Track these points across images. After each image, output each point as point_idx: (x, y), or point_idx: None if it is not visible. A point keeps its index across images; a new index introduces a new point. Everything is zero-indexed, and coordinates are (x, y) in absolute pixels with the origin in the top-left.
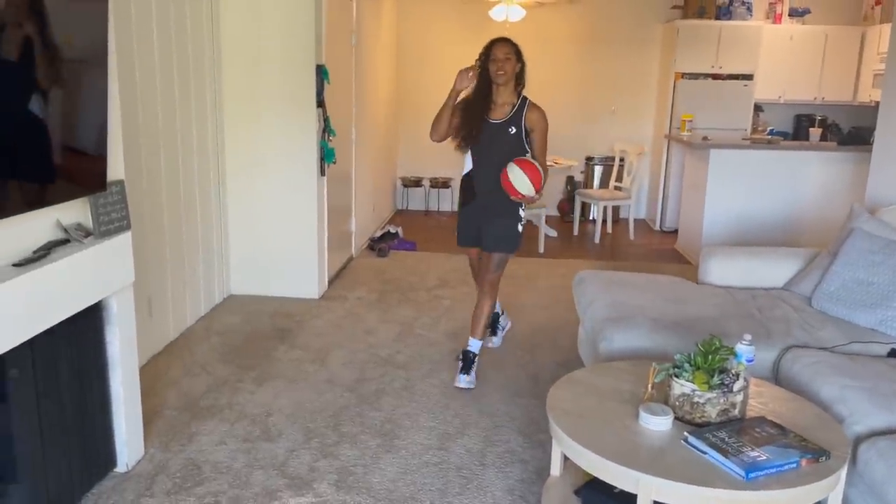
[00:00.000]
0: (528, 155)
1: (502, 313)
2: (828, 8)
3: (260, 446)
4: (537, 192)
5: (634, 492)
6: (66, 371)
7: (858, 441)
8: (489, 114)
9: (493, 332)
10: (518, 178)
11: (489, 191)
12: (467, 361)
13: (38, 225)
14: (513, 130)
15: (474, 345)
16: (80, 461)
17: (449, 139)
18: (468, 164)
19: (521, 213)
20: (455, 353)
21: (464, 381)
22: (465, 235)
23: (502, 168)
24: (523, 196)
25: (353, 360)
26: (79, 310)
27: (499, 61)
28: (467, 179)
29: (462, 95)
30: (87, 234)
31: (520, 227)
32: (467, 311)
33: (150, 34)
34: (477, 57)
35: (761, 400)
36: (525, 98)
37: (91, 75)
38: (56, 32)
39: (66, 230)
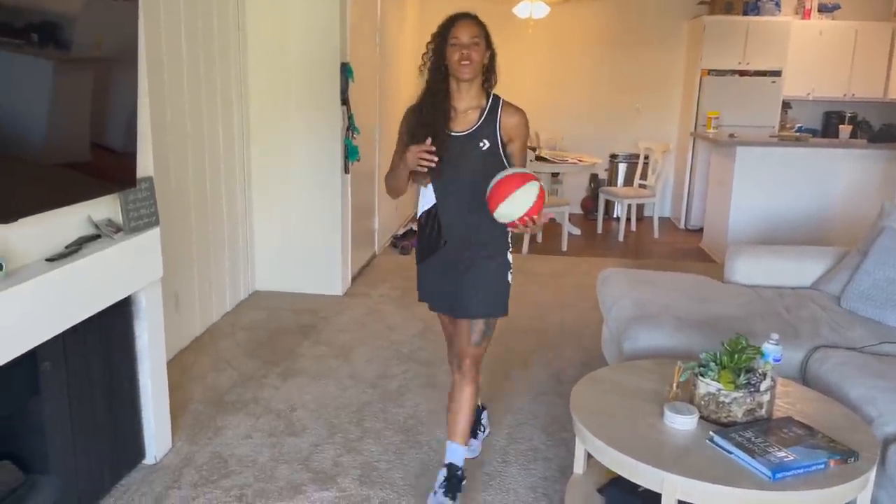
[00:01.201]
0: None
1: (484, 408)
2: (858, 3)
3: (284, 441)
4: (527, 223)
5: (659, 490)
6: (96, 364)
7: (888, 442)
8: (449, 125)
9: (473, 434)
10: (521, 201)
11: (462, 234)
12: (453, 483)
13: (69, 221)
14: (485, 145)
15: (456, 454)
16: (110, 453)
17: None
18: (426, 200)
19: (510, 256)
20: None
21: None
22: (434, 298)
23: (476, 197)
24: (510, 222)
25: (376, 357)
26: (109, 304)
27: (463, 47)
28: (427, 219)
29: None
30: (118, 229)
31: (509, 277)
32: None
33: (179, 34)
34: (429, 40)
35: (788, 400)
36: (497, 98)
37: (121, 74)
38: (88, 31)
39: (96, 226)
